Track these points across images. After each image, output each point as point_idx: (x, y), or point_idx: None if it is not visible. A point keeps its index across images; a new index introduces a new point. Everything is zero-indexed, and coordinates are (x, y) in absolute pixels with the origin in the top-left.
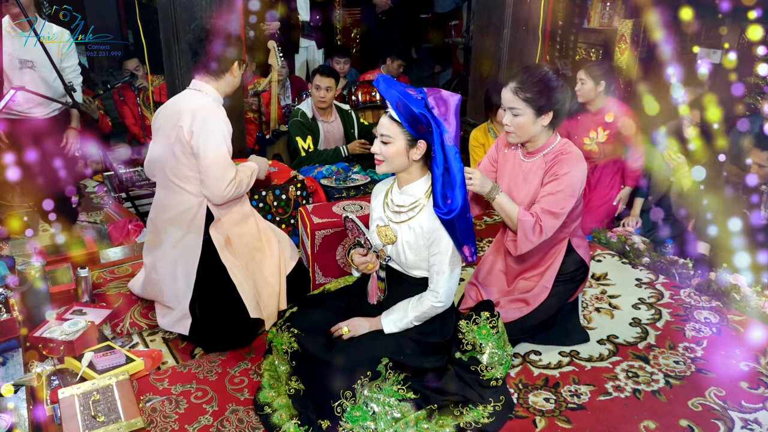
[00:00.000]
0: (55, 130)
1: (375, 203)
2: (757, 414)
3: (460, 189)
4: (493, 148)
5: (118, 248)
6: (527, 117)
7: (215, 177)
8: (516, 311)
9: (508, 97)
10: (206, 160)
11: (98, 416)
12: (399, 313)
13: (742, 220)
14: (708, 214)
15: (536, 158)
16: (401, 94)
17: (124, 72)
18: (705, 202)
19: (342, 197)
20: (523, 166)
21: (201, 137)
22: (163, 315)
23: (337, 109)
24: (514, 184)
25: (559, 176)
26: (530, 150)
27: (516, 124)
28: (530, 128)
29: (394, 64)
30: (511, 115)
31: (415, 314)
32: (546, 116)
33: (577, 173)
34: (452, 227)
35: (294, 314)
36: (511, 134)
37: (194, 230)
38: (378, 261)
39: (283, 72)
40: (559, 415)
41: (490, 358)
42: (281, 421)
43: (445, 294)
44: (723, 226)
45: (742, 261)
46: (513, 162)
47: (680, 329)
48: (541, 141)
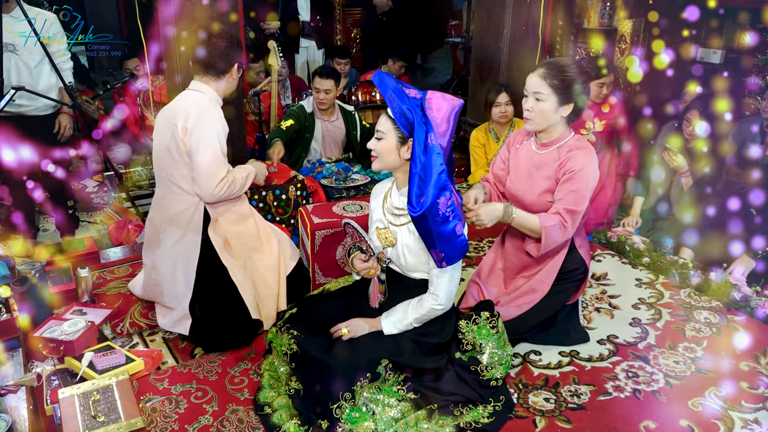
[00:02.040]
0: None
1: (374, 204)
2: (757, 414)
3: (433, 187)
4: (504, 147)
5: (118, 248)
6: (550, 104)
7: (206, 175)
8: (515, 309)
9: (535, 81)
10: (197, 158)
11: (98, 416)
12: (399, 315)
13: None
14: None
15: (550, 150)
16: (393, 90)
17: (124, 72)
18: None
19: (342, 197)
20: (535, 158)
21: (194, 135)
22: (163, 315)
23: (340, 109)
24: (527, 175)
25: (576, 172)
26: (544, 141)
27: (538, 110)
28: (551, 116)
29: (396, 65)
30: (534, 100)
31: (415, 316)
32: (567, 106)
33: (591, 169)
34: (421, 225)
35: (294, 315)
36: (530, 121)
37: (192, 230)
38: (379, 265)
39: (283, 72)
40: (559, 415)
41: (490, 358)
42: (281, 421)
43: (446, 297)
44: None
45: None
46: (525, 155)
47: (680, 329)
48: (556, 133)
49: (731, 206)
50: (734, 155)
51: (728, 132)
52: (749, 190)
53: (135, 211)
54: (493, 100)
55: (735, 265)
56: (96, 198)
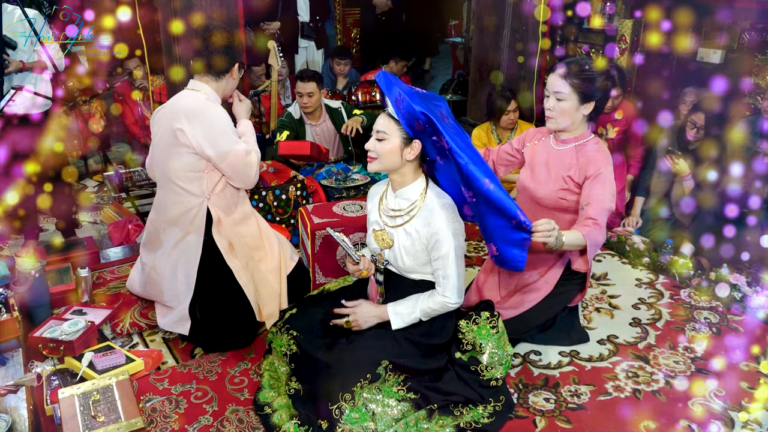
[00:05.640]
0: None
1: (370, 206)
2: (757, 414)
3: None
4: (522, 137)
5: (118, 248)
6: (571, 103)
7: (240, 169)
8: (516, 309)
9: (556, 81)
10: (226, 161)
11: (98, 416)
12: (407, 307)
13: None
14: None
15: (568, 147)
16: (404, 91)
17: (124, 72)
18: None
19: (342, 197)
20: (552, 153)
21: (208, 140)
22: (163, 315)
23: (326, 109)
24: (544, 169)
25: (597, 177)
26: (563, 138)
27: (559, 109)
28: (572, 115)
29: (398, 65)
30: (555, 100)
31: (425, 311)
32: (588, 105)
33: (611, 171)
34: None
35: (293, 315)
36: (551, 120)
37: (194, 231)
38: (372, 266)
39: (283, 72)
40: (559, 415)
41: (490, 358)
42: (281, 421)
43: (457, 295)
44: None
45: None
46: (542, 149)
47: (680, 329)
48: (577, 132)
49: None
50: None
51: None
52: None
53: (135, 211)
54: (504, 109)
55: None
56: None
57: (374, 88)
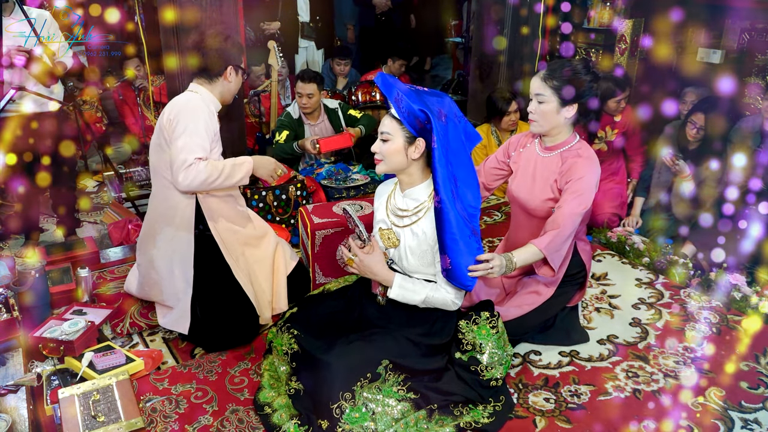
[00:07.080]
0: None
1: (378, 204)
2: (757, 414)
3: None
4: (502, 150)
5: (118, 248)
6: (552, 105)
7: (177, 161)
8: (516, 309)
9: (537, 83)
10: (173, 147)
11: (98, 416)
12: (414, 287)
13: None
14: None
15: (553, 154)
16: (402, 90)
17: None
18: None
19: (342, 197)
20: (539, 161)
21: (175, 126)
22: (163, 314)
23: (324, 109)
24: (531, 179)
25: (575, 181)
26: (548, 145)
27: (540, 112)
28: (553, 118)
29: (396, 64)
30: (536, 102)
31: (428, 299)
32: (570, 108)
33: (592, 177)
34: (441, 221)
35: (294, 315)
36: (534, 123)
37: (184, 228)
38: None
39: (283, 72)
40: (559, 415)
41: (489, 358)
42: (281, 421)
43: (459, 296)
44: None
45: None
46: (528, 157)
47: (680, 329)
48: (561, 137)
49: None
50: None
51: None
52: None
53: (135, 211)
54: (506, 110)
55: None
56: (96, 198)
57: (374, 88)
